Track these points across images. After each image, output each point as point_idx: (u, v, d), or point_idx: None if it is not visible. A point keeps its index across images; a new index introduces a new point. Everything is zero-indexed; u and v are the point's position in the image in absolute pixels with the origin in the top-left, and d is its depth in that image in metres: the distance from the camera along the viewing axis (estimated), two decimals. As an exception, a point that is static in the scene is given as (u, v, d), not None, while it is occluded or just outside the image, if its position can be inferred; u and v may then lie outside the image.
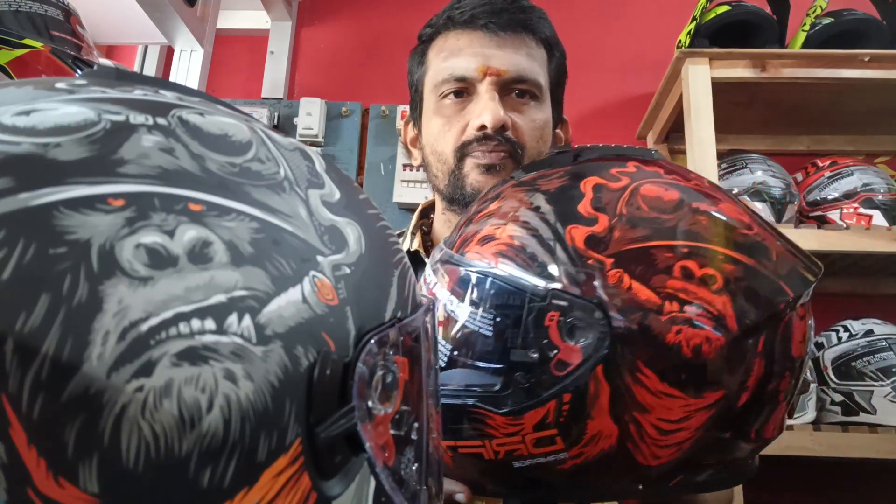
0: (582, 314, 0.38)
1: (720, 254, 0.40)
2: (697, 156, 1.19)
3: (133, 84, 0.25)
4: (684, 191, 0.42)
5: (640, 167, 0.45)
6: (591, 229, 0.40)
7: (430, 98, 0.70)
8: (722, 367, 0.39)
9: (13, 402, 0.16)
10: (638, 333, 0.38)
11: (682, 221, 0.40)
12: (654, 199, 0.41)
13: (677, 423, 0.39)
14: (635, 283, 0.38)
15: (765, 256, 0.40)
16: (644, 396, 0.38)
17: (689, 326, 0.38)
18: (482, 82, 0.65)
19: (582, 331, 0.38)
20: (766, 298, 0.39)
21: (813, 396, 1.18)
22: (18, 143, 0.19)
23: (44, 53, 0.69)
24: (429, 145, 0.70)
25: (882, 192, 1.23)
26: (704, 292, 0.38)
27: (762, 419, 0.42)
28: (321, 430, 0.21)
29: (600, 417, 0.39)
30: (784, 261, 0.41)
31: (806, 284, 0.41)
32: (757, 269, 0.40)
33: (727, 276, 0.39)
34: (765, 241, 0.41)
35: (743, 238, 0.41)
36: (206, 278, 0.19)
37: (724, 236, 0.40)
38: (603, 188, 0.42)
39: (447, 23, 0.69)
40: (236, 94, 1.73)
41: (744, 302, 0.39)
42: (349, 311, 0.23)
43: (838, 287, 1.44)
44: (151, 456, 0.17)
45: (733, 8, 1.30)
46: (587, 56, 1.65)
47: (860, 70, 1.22)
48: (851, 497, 1.33)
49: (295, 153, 0.27)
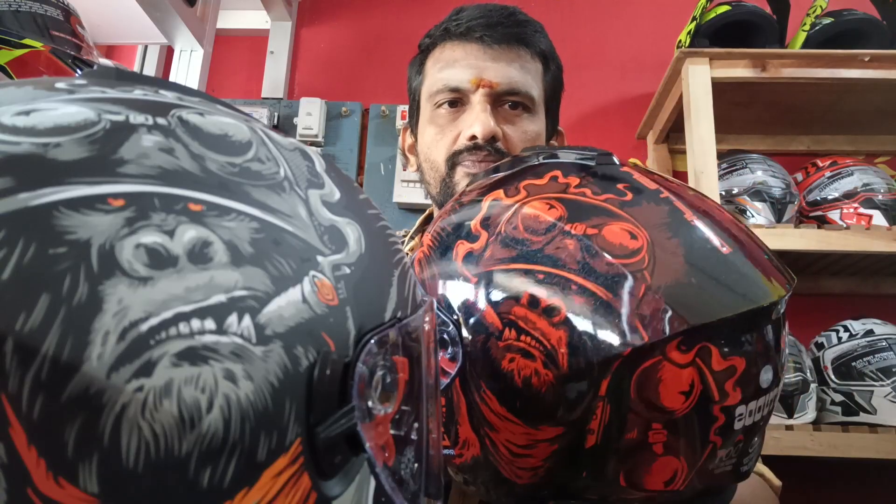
0: (447, 329, 0.39)
1: (573, 283, 0.36)
2: (697, 156, 1.19)
3: (133, 84, 0.25)
4: (574, 209, 0.38)
5: (557, 178, 0.41)
6: (471, 246, 0.40)
7: (426, 107, 0.72)
8: (555, 404, 0.36)
9: (13, 402, 0.16)
10: (481, 355, 0.38)
11: (549, 245, 0.37)
12: (530, 219, 0.39)
13: (524, 448, 0.38)
14: (488, 305, 0.38)
15: (629, 291, 0.35)
16: (490, 415, 0.38)
17: (522, 356, 0.36)
18: (475, 93, 0.67)
19: (448, 344, 0.39)
20: (606, 341, 0.35)
21: (813, 396, 1.18)
22: (18, 143, 0.19)
23: (44, 53, 0.69)
24: (423, 153, 0.72)
25: (882, 192, 1.23)
26: (543, 323, 0.36)
27: (631, 467, 0.37)
28: (321, 430, 0.21)
29: (464, 426, 0.40)
30: (657, 300, 0.34)
31: (682, 333, 0.34)
32: (610, 305, 0.35)
33: (572, 309, 0.35)
34: (641, 273, 0.35)
35: (608, 267, 0.36)
36: (206, 278, 0.19)
37: (584, 263, 0.36)
38: (497, 204, 0.41)
39: (444, 34, 0.71)
40: (236, 94, 1.73)
41: (580, 340, 0.35)
42: (349, 311, 0.23)
43: (838, 287, 1.44)
44: (151, 456, 0.17)
45: (733, 8, 1.30)
46: (587, 56, 1.65)
47: (860, 70, 1.22)
48: (851, 497, 1.33)
49: (295, 153, 0.27)
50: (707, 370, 0.35)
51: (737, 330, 0.36)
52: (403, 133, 0.80)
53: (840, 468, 1.27)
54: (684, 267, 0.36)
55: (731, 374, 0.36)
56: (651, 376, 0.35)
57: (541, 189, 0.41)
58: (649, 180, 0.41)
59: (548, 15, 1.72)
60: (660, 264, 0.35)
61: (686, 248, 0.36)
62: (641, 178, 0.41)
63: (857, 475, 1.31)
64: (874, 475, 1.29)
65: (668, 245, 0.36)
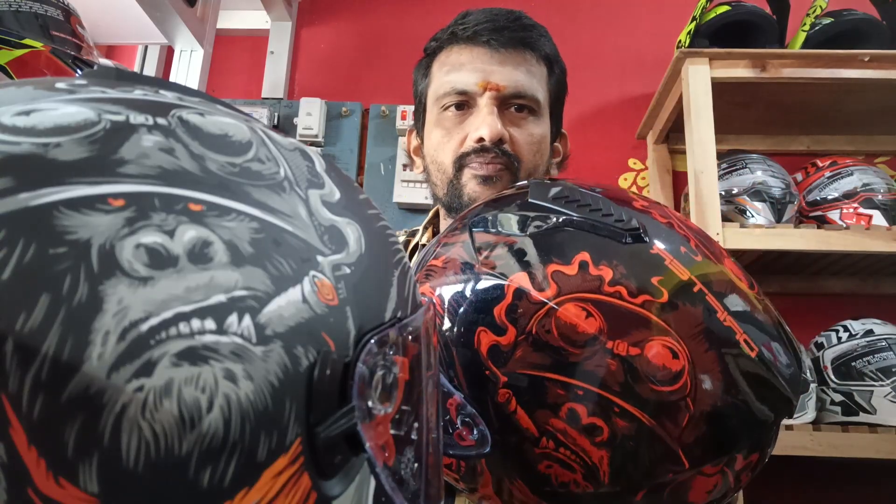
0: (472, 416, 0.39)
1: (616, 405, 0.36)
2: (697, 156, 1.19)
3: (133, 84, 0.25)
4: (613, 318, 0.37)
5: (587, 267, 0.39)
6: (497, 339, 0.39)
7: (433, 110, 0.72)
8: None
9: (13, 402, 0.16)
10: (513, 452, 0.38)
11: (588, 361, 0.37)
12: (567, 327, 0.37)
13: None
14: (520, 409, 0.37)
15: (671, 419, 0.36)
16: (518, 494, 0.39)
17: (560, 466, 0.37)
18: (482, 96, 0.68)
19: (474, 427, 0.39)
20: (650, 466, 0.36)
21: (813, 396, 1.18)
22: (18, 143, 0.19)
23: (44, 53, 0.69)
24: (429, 155, 0.73)
25: (882, 192, 1.23)
26: (584, 441, 0.36)
27: None
28: (321, 430, 0.21)
29: (486, 487, 0.41)
30: (699, 426, 0.36)
31: (720, 454, 0.37)
32: (654, 432, 0.36)
33: (615, 431, 0.36)
34: (684, 401, 0.36)
35: (652, 394, 0.36)
36: (206, 278, 0.19)
37: (629, 387, 0.36)
38: (524, 296, 0.39)
39: (451, 38, 0.71)
40: (236, 94, 1.73)
41: (623, 462, 0.36)
42: (349, 311, 0.23)
43: (838, 287, 1.44)
44: (151, 456, 0.17)
45: (733, 8, 1.30)
46: (587, 56, 1.65)
47: (860, 70, 1.22)
48: (851, 497, 1.33)
49: (295, 153, 0.27)
50: (730, 472, 0.39)
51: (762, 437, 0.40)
52: (409, 135, 0.81)
53: (840, 468, 1.27)
54: (721, 389, 0.37)
55: (748, 467, 0.40)
56: (683, 486, 0.38)
57: (572, 284, 0.39)
58: (677, 262, 0.40)
59: (548, 15, 1.72)
60: (700, 391, 0.36)
61: (721, 363, 0.37)
62: (671, 261, 0.40)
63: (857, 475, 1.31)
64: (874, 475, 1.29)
65: (706, 362, 0.37)
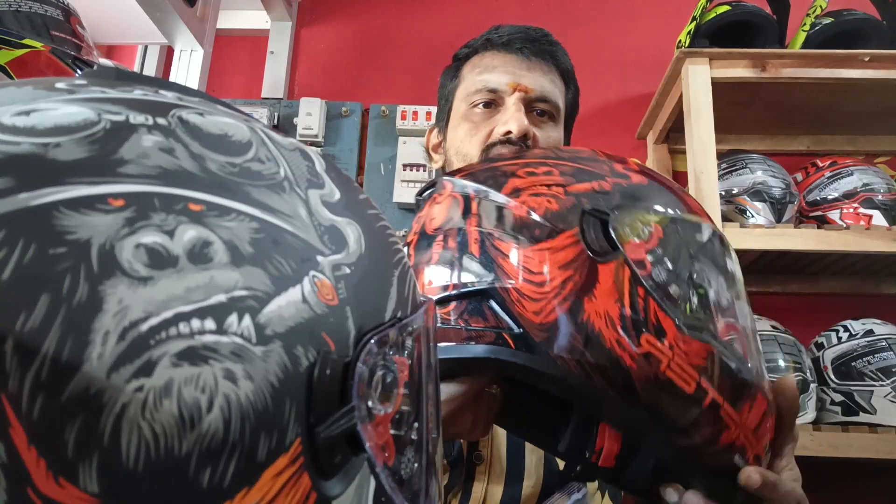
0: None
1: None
2: (697, 156, 1.19)
3: (133, 84, 0.25)
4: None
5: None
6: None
7: (461, 106, 0.78)
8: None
9: (13, 402, 0.16)
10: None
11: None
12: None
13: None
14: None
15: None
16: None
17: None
18: (511, 96, 0.74)
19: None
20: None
21: (813, 396, 1.18)
22: (18, 143, 0.19)
23: (44, 53, 0.69)
24: (453, 147, 0.79)
25: (882, 192, 1.23)
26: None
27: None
28: (321, 430, 0.21)
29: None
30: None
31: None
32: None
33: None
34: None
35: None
36: (206, 278, 0.19)
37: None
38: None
39: (486, 44, 0.79)
40: (236, 94, 1.73)
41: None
42: (349, 311, 0.23)
43: (838, 287, 1.44)
44: (151, 456, 0.17)
45: (733, 8, 1.30)
46: (587, 56, 1.65)
47: (860, 70, 1.22)
48: (851, 497, 1.33)
49: (295, 153, 0.27)
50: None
51: None
52: (429, 133, 0.87)
53: (840, 468, 1.27)
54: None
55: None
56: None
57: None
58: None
59: (548, 15, 1.73)
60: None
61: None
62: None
63: (857, 475, 1.31)
64: (874, 475, 1.29)
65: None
